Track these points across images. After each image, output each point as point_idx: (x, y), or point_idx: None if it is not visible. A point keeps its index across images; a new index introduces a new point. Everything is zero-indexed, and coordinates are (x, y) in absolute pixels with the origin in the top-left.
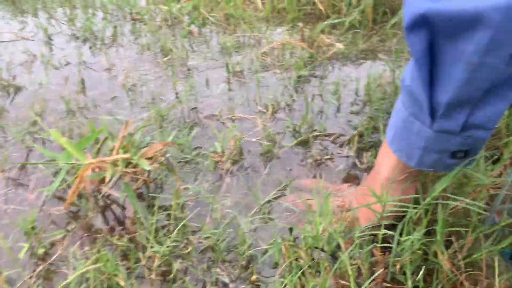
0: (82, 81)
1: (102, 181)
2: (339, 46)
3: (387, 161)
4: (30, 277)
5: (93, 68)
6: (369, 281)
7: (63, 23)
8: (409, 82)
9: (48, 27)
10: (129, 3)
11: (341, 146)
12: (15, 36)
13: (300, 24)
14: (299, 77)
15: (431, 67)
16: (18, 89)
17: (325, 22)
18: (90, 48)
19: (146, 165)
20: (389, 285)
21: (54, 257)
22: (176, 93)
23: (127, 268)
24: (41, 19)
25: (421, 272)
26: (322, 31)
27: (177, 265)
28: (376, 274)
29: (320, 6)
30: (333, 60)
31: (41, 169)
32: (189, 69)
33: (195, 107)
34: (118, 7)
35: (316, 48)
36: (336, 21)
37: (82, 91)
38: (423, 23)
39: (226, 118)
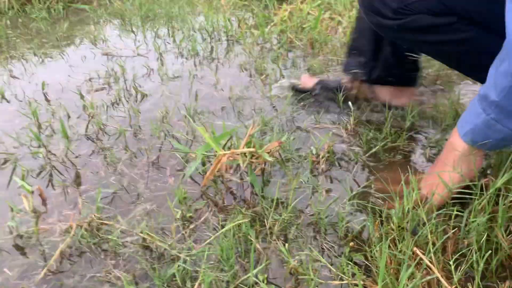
0: (195, 93)
1: (225, 169)
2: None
3: (458, 147)
4: (185, 232)
5: (201, 81)
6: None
7: (168, 42)
8: (497, 98)
9: (158, 46)
10: (226, 27)
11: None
12: (133, 52)
13: None
14: None
15: None
16: (144, 96)
17: None
18: (195, 65)
19: (267, 156)
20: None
21: (200, 220)
22: (274, 106)
23: (254, 232)
24: (149, 37)
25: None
26: None
27: (292, 230)
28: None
29: None
30: None
31: (175, 158)
32: (282, 87)
33: (291, 118)
34: (214, 29)
35: None
36: None
37: (195, 100)
38: None
39: (315, 128)
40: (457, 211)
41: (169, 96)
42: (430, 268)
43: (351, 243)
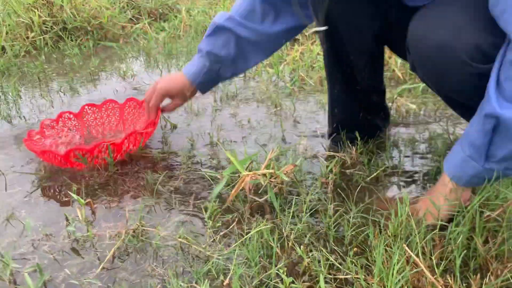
0: (217, 124)
1: (248, 188)
2: (413, 106)
3: (448, 183)
4: (215, 238)
5: (222, 114)
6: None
7: None
8: (475, 140)
9: None
10: None
11: (410, 180)
12: None
13: None
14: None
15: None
16: (174, 127)
17: (403, 87)
18: (215, 99)
19: (284, 176)
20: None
21: (228, 229)
22: (284, 136)
23: (273, 239)
24: (173, 73)
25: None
26: (400, 94)
27: (306, 239)
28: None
29: (399, 73)
30: (408, 117)
31: (204, 178)
32: (295, 120)
33: (304, 146)
34: None
35: (395, 108)
36: (411, 86)
37: (218, 130)
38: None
39: (322, 154)
40: (443, 225)
41: (195, 126)
42: (417, 264)
43: (355, 249)
